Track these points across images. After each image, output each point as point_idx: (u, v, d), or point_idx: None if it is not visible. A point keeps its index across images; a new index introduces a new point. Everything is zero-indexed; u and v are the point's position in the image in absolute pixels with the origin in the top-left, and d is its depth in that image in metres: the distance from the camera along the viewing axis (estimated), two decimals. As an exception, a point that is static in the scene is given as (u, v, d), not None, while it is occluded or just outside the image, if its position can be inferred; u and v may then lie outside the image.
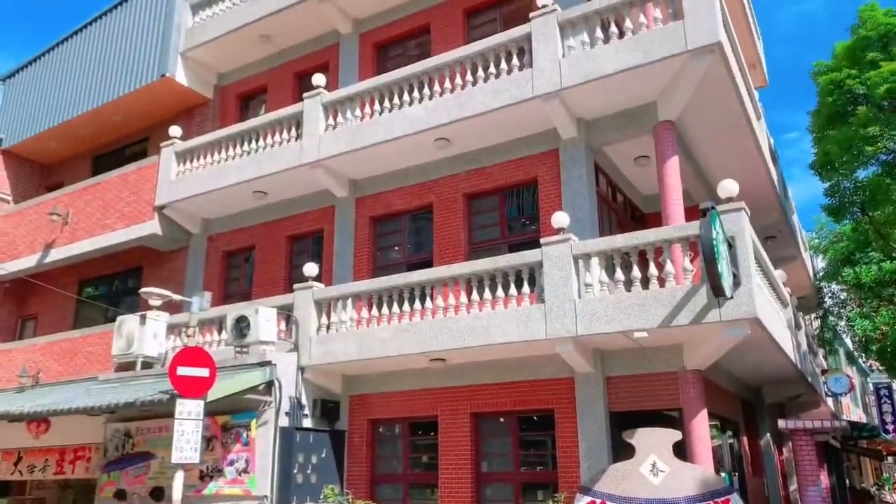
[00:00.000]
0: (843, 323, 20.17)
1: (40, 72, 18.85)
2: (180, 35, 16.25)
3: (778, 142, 49.00)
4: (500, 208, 12.11)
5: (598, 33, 10.42)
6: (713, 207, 8.06)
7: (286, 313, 11.73)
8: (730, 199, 8.75)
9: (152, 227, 14.76)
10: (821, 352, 20.89)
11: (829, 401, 17.65)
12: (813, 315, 23.12)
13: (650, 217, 13.36)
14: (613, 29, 10.31)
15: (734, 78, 10.28)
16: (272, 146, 13.57)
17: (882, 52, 14.02)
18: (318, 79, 13.37)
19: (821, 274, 21.47)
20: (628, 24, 10.20)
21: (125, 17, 17.26)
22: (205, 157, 14.56)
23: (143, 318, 12.36)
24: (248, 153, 13.84)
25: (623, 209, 12.85)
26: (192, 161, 14.77)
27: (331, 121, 13.01)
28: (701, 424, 9.03)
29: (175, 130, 15.20)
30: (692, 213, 11.32)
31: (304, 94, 13.38)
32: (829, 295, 21.41)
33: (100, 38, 17.63)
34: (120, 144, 18.38)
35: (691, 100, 10.32)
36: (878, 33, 14.08)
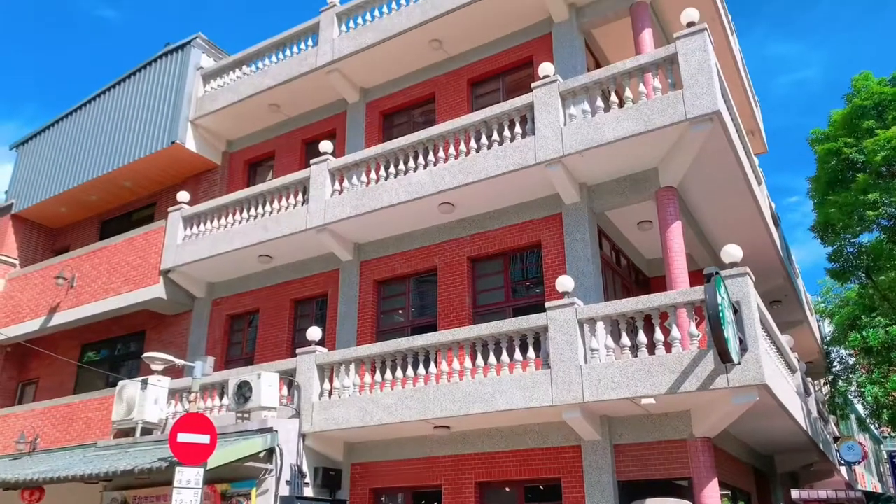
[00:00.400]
0: (853, 388, 19.88)
1: (53, 138, 19.28)
2: (191, 103, 16.68)
3: (779, 206, 49.49)
4: (504, 272, 12.14)
5: (599, 102, 10.67)
6: (717, 273, 8.07)
7: (288, 378, 11.62)
8: (734, 264, 8.76)
9: (157, 290, 14.80)
10: (832, 418, 20.50)
11: (843, 470, 17.20)
12: (822, 380, 22.80)
13: (654, 281, 13.38)
14: (614, 98, 10.56)
15: (734, 145, 10.47)
16: (278, 211, 13.74)
17: (877, 120, 14.33)
18: (326, 145, 13.64)
19: (828, 338, 21.30)
20: (628, 93, 10.46)
21: (137, 87, 17.76)
22: (211, 222, 14.73)
23: (145, 383, 12.26)
24: (255, 218, 14.00)
25: (627, 273, 12.87)
26: (198, 225, 14.93)
27: (337, 186, 13.21)
28: (712, 494, 8.80)
29: (183, 195, 15.42)
30: (696, 277, 11.35)
31: (312, 160, 13.63)
32: (838, 360, 21.18)
33: (112, 106, 18.09)
34: (128, 209, 18.62)
35: (692, 166, 10.48)
36: (872, 102, 14.43)
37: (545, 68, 11.30)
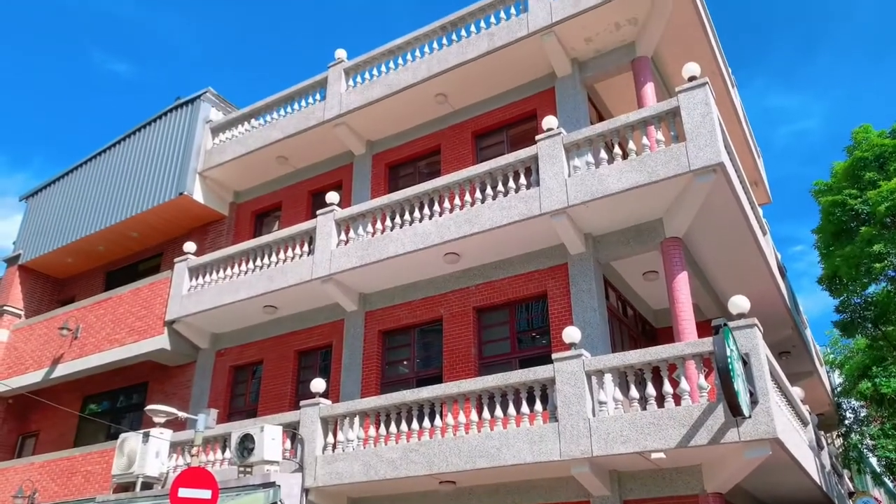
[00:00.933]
0: (867, 441, 19.49)
1: (62, 190, 19.52)
2: (200, 156, 16.92)
3: (784, 255, 49.51)
4: (510, 322, 12.08)
5: (603, 154, 10.79)
6: (726, 324, 8.01)
7: (292, 431, 11.45)
8: (741, 316, 8.70)
9: (161, 341, 14.75)
10: (846, 473, 20.02)
11: (860, 526, 16.70)
12: (834, 433, 22.38)
13: (661, 332, 13.28)
14: (617, 150, 10.68)
15: (738, 196, 10.52)
16: (284, 261, 13.78)
17: (879, 172, 14.44)
18: (332, 196, 13.76)
19: (838, 389, 20.99)
20: (631, 145, 10.58)
21: (147, 139, 18.06)
22: (217, 273, 14.76)
23: (147, 435, 12.09)
24: (261, 268, 14.04)
25: (634, 324, 12.79)
26: (204, 276, 14.97)
27: (343, 236, 13.28)
28: (726, 553, 8.53)
29: (189, 246, 15.51)
30: (703, 327, 11.27)
31: (318, 211, 13.73)
32: (850, 411, 20.83)
33: (121, 158, 18.36)
34: (134, 260, 18.70)
35: (697, 217, 10.52)
36: (873, 154, 14.57)
37: (549, 121, 11.47)
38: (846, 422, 20.66)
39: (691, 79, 10.41)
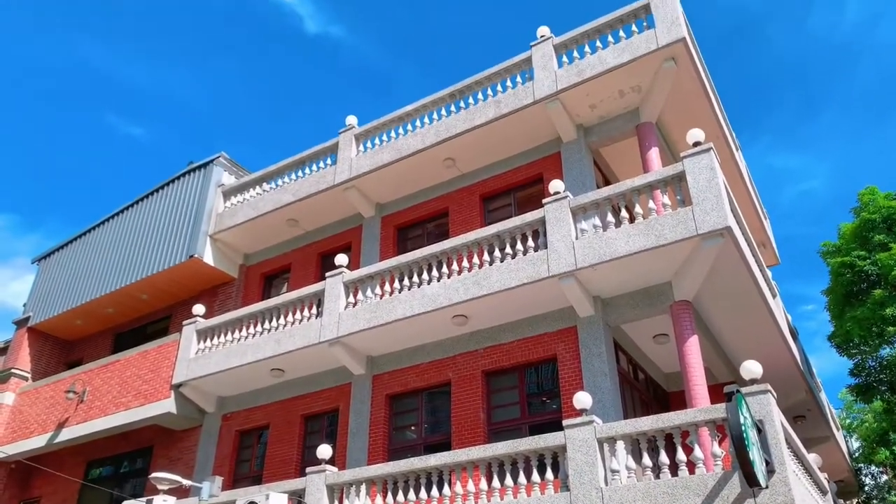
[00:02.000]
0: (888, 510, 18.87)
1: (74, 253, 19.72)
2: (211, 219, 17.13)
3: (794, 314, 48.99)
4: (519, 386, 11.94)
5: (610, 217, 10.87)
6: (738, 391, 7.89)
7: (297, 499, 11.20)
8: (754, 381, 8.58)
9: (168, 405, 14.62)
10: (869, 543, 19.32)
11: None
12: (854, 500, 21.69)
13: (673, 396, 13.09)
14: (624, 213, 10.76)
15: (746, 259, 10.53)
16: (292, 324, 13.77)
17: (888, 234, 14.45)
18: (341, 258, 13.84)
19: (856, 455, 20.46)
20: (638, 209, 10.66)
21: (159, 203, 18.33)
22: (225, 335, 14.74)
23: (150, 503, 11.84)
24: (268, 331, 14.01)
25: (645, 388, 12.62)
26: (212, 339, 14.94)
27: (351, 298, 13.29)
28: None
29: (198, 308, 15.54)
30: (715, 391, 11.13)
31: (327, 274, 13.79)
32: (869, 477, 20.25)
33: (133, 221, 18.61)
34: (143, 322, 18.72)
35: (706, 280, 10.51)
36: (880, 216, 14.62)
37: (555, 185, 11.61)
38: (866, 489, 20.06)
39: (696, 144, 10.56)
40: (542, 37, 13.75)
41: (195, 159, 18.33)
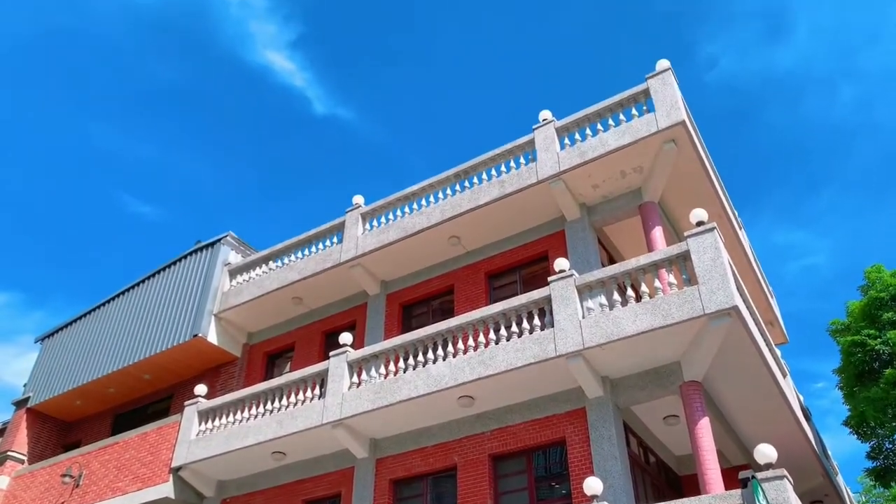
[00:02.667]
0: None
1: (77, 332, 19.65)
2: (216, 298, 17.14)
3: (805, 392, 48.14)
4: (527, 470, 11.59)
5: (616, 296, 10.83)
6: (754, 476, 7.66)
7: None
8: (769, 465, 8.34)
9: (166, 489, 14.22)
10: None
11: None
12: (881, 591, 20.64)
13: (685, 480, 12.69)
14: (630, 292, 10.73)
15: (755, 339, 10.42)
16: (295, 405, 13.53)
17: (896, 312, 14.36)
18: (345, 337, 13.75)
19: (880, 541, 19.61)
20: (644, 288, 10.64)
21: (164, 282, 18.40)
22: (227, 417, 14.48)
23: None
24: (271, 412, 13.76)
25: (657, 471, 12.24)
26: (213, 420, 14.67)
27: (355, 378, 13.11)
28: None
29: (200, 389, 15.33)
30: (729, 475, 10.79)
31: (331, 353, 13.66)
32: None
33: (138, 301, 18.63)
34: (144, 402, 18.46)
35: (715, 360, 10.37)
36: (888, 294, 14.57)
37: (561, 263, 11.63)
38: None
39: (699, 224, 10.64)
40: (544, 120, 14.12)
41: (203, 238, 18.55)
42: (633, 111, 12.97)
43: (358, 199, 16.35)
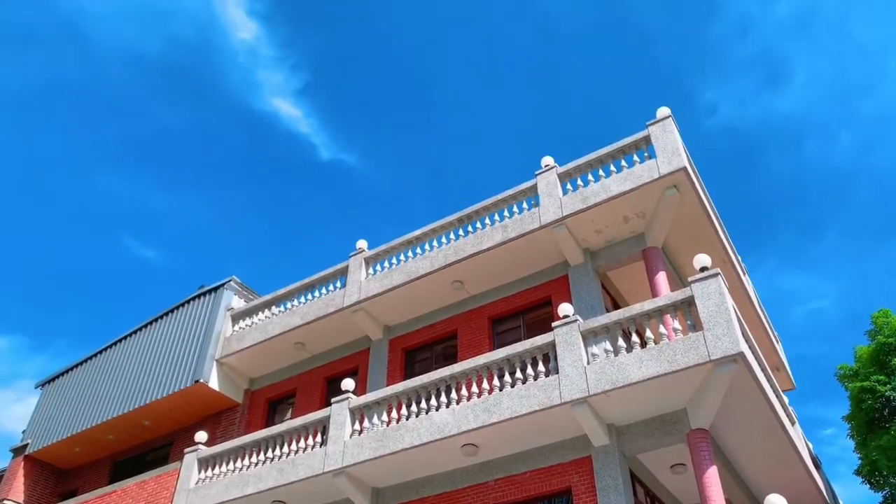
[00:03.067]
0: None
1: (77, 377, 19.50)
2: (219, 343, 17.05)
3: (814, 439, 47.29)
4: (532, 522, 11.33)
5: (621, 342, 10.75)
6: (765, 528, 7.48)
7: None
8: (781, 517, 8.15)
9: (162, 541, 13.92)
10: None
11: None
12: None
13: (695, 531, 12.38)
14: (635, 338, 10.65)
15: (761, 385, 10.29)
16: (296, 452, 13.33)
17: (906, 358, 14.20)
18: (348, 383, 13.61)
19: None
20: (649, 333, 10.57)
21: (166, 327, 18.34)
22: (227, 464, 14.25)
23: None
24: (272, 460, 13.55)
25: (665, 522, 11.96)
26: (213, 468, 14.44)
27: (357, 426, 12.93)
28: None
29: (201, 435, 15.13)
30: (741, 527, 10.52)
31: (333, 399, 13.51)
32: None
33: (139, 346, 18.54)
34: (143, 449, 18.20)
35: (722, 407, 10.23)
36: (896, 339, 14.43)
37: (565, 308, 11.58)
38: None
39: (703, 269, 10.62)
40: (546, 166, 14.24)
41: (207, 281, 18.55)
42: (635, 157, 13.10)
43: (362, 243, 16.40)
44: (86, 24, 49.57)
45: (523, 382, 11.39)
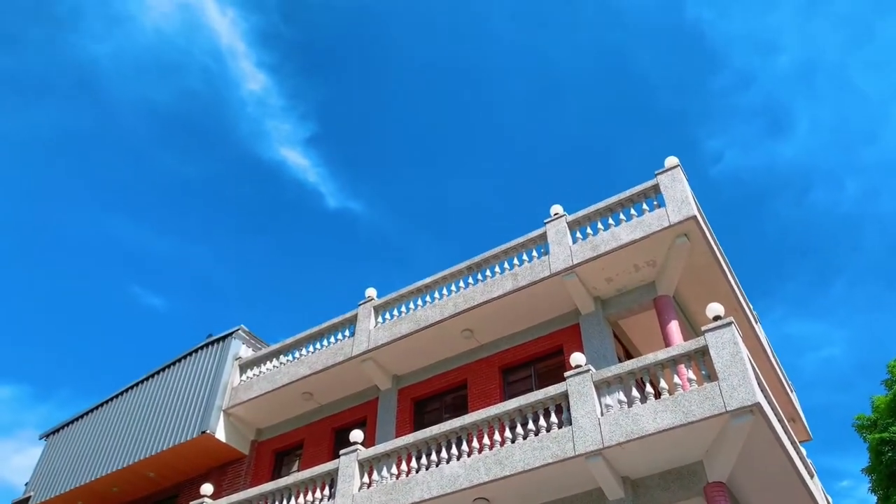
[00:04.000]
0: None
1: (82, 427, 19.29)
2: (226, 393, 16.89)
3: (831, 491, 46.13)
4: (546, 579, 10.98)
5: (635, 392, 10.59)
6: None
7: None
8: (806, 576, 7.88)
9: None
10: None
11: None
12: None
13: (715, 589, 11.95)
14: (649, 389, 10.50)
15: (779, 437, 10.08)
16: (304, 506, 13.05)
17: (924, 408, 13.95)
18: (356, 435, 13.39)
19: None
20: (663, 383, 10.42)
21: (173, 377, 18.18)
22: (233, 518, 13.95)
23: None
24: (279, 514, 13.26)
25: (683, 580, 11.56)
26: (218, 522, 14.13)
27: (366, 479, 12.68)
28: None
29: (206, 488, 14.85)
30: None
31: (341, 451, 13.28)
32: None
33: (145, 396, 18.35)
34: (147, 502, 17.86)
35: (739, 459, 10.00)
36: (915, 389, 14.19)
37: (577, 358, 11.45)
38: None
39: (716, 318, 10.52)
40: (555, 214, 14.29)
41: (214, 330, 18.50)
42: (644, 206, 13.14)
43: (371, 291, 16.38)
44: (100, 75, 50.77)
45: (536, 434, 11.19)
